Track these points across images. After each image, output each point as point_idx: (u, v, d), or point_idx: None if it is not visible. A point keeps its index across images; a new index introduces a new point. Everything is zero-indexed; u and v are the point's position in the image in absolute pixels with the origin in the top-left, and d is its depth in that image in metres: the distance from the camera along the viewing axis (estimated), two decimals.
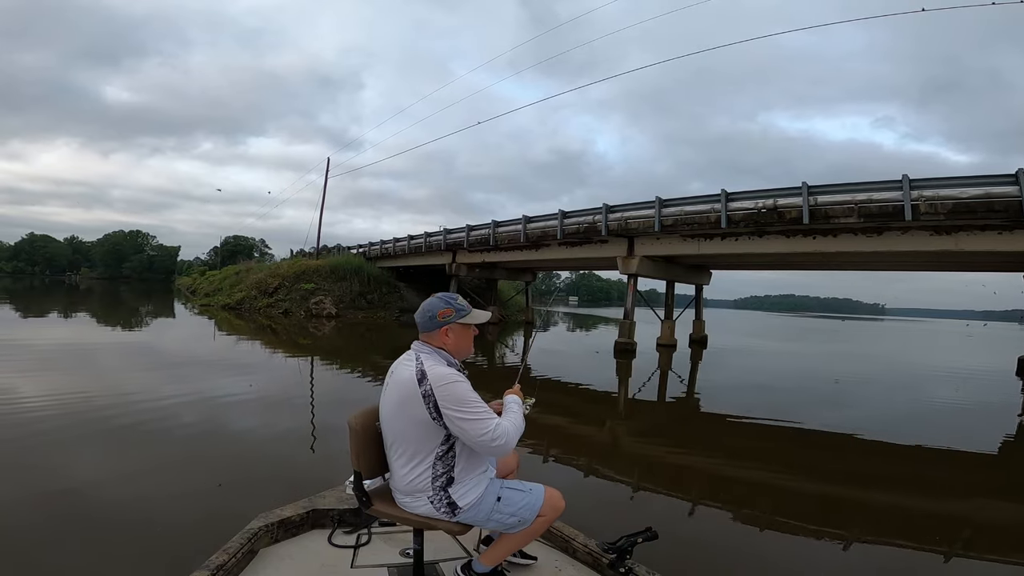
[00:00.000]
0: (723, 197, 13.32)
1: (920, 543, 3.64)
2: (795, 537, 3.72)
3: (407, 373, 1.86)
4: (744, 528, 3.81)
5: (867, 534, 3.73)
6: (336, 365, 11.30)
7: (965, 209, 10.53)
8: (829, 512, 4.16)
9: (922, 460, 5.95)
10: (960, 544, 3.68)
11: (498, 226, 20.46)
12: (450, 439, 1.86)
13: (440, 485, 1.86)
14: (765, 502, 4.28)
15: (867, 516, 4.08)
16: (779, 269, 20.00)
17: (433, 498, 1.85)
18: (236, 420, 5.94)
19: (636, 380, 11.33)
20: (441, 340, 1.93)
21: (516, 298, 29.95)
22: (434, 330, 1.93)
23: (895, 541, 3.66)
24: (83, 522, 3.15)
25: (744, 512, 4.05)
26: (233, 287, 29.70)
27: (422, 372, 1.83)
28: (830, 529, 3.77)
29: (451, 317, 1.93)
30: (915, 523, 4.06)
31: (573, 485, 4.37)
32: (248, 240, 74.86)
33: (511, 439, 1.84)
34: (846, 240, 12.79)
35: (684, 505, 4.25)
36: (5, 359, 9.11)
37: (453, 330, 1.94)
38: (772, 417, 7.61)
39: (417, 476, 1.85)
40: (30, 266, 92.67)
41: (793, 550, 3.53)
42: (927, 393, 11.14)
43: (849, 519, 3.99)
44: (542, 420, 6.98)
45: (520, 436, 1.90)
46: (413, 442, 1.85)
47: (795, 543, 3.63)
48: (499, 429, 1.81)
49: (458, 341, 1.96)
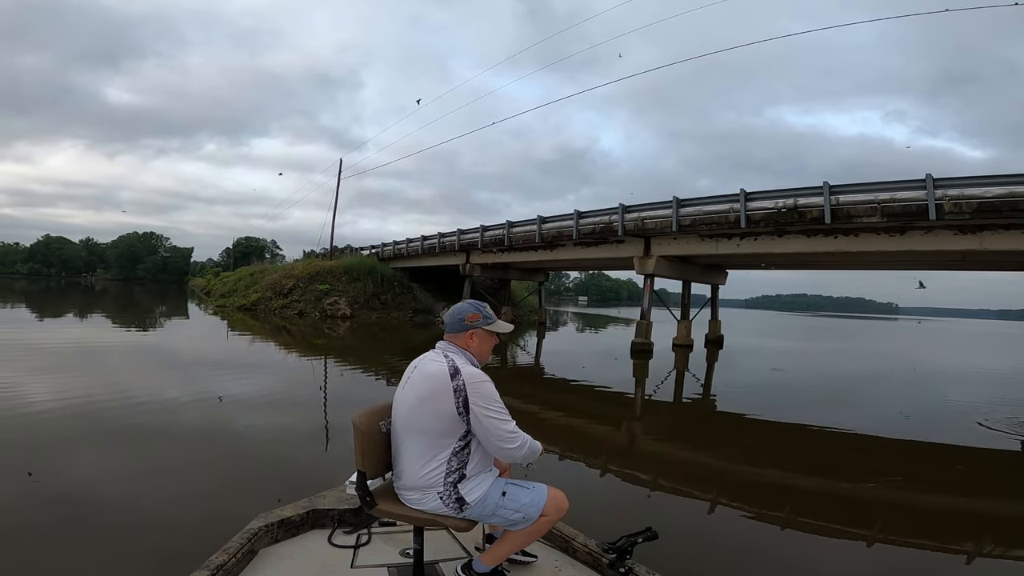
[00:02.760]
0: (742, 197, 13.26)
1: (939, 544, 3.61)
2: (795, 538, 3.70)
3: (437, 368, 1.93)
4: (745, 528, 3.78)
5: (871, 534, 3.69)
6: (357, 366, 11.37)
7: (990, 208, 10.45)
8: (832, 512, 4.12)
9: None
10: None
11: (512, 226, 20.47)
12: (467, 436, 1.93)
13: (452, 481, 1.91)
14: (765, 502, 4.25)
15: (873, 515, 4.03)
16: (797, 268, 19.90)
17: (443, 493, 1.90)
18: (261, 418, 6.00)
19: (653, 380, 11.35)
20: (466, 342, 2.04)
21: (528, 298, 29.95)
22: (461, 332, 2.04)
23: (909, 542, 3.64)
24: (83, 522, 3.15)
25: (744, 512, 4.04)
26: (248, 288, 29.92)
27: (455, 368, 1.92)
28: (832, 528, 3.76)
29: (478, 322, 2.05)
30: (933, 524, 4.02)
31: (576, 485, 4.33)
32: (260, 241, 75.46)
33: (527, 446, 1.96)
34: (868, 239, 12.69)
35: (685, 505, 4.24)
36: (18, 359, 9.19)
37: (478, 335, 2.05)
38: (782, 416, 7.57)
39: (431, 470, 1.90)
40: (46, 267, 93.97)
41: (794, 550, 3.50)
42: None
43: (856, 518, 3.94)
44: (553, 421, 7.02)
45: (533, 456, 2.01)
46: (433, 436, 1.91)
47: (795, 544, 3.60)
48: (520, 433, 1.95)
49: (481, 346, 2.06)
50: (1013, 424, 7.32)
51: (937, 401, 9.82)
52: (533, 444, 1.99)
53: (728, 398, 9.54)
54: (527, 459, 1.99)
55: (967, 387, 12.12)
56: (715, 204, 14.08)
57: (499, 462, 2.21)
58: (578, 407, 8.23)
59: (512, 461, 2.08)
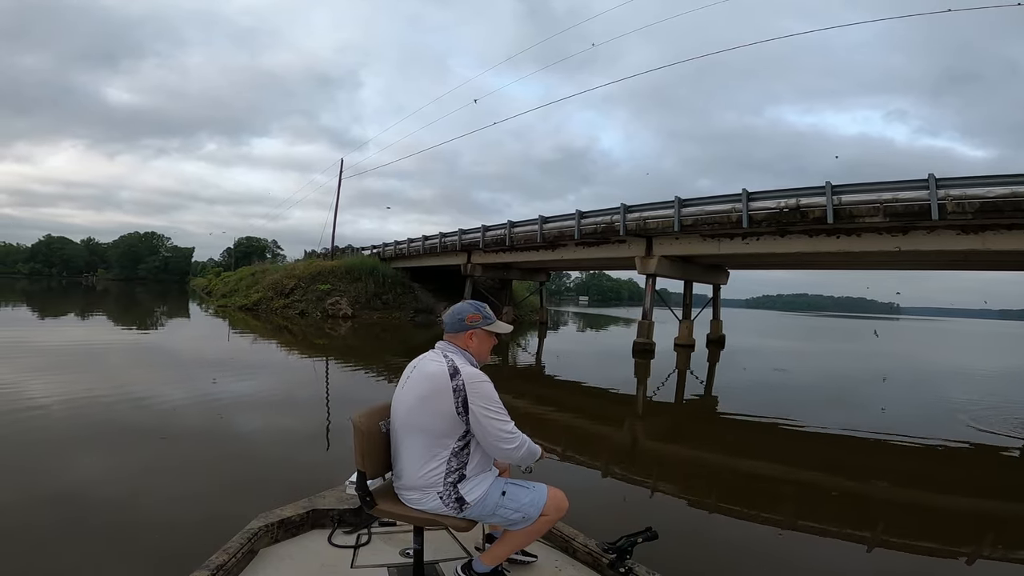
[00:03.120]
0: (744, 197, 13.25)
1: (939, 546, 3.60)
2: (795, 538, 3.69)
3: (437, 368, 1.94)
4: (745, 528, 3.77)
5: (872, 535, 3.69)
6: (358, 366, 11.37)
7: (992, 208, 10.43)
8: (832, 512, 4.12)
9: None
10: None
11: (514, 226, 20.47)
12: (467, 436, 1.93)
13: (452, 481, 1.91)
14: (765, 502, 4.25)
15: (874, 516, 4.02)
16: (799, 268, 19.88)
17: (443, 493, 1.90)
18: (264, 419, 6.00)
19: (655, 379, 11.36)
20: (465, 342, 2.04)
21: (529, 298, 29.95)
22: (461, 332, 2.04)
23: (909, 543, 3.62)
24: (84, 522, 3.15)
25: (744, 512, 4.03)
26: (250, 288, 29.92)
27: (455, 368, 1.92)
28: (832, 528, 3.75)
29: (478, 323, 2.05)
30: (933, 526, 4.00)
31: (576, 485, 4.29)
32: (261, 241, 75.53)
33: (525, 447, 1.96)
34: (870, 239, 12.68)
35: (685, 505, 4.25)
36: (18, 358, 9.19)
37: (477, 335, 2.06)
38: (781, 417, 7.57)
39: (431, 470, 1.90)
40: (47, 267, 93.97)
41: (793, 550, 3.49)
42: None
43: (857, 519, 3.94)
44: (554, 420, 7.01)
45: (532, 459, 2.00)
46: (433, 435, 1.91)
47: (795, 544, 3.59)
48: (518, 434, 1.94)
49: (480, 346, 2.07)
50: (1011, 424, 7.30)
51: (939, 401, 9.81)
52: (532, 446, 1.99)
53: (730, 398, 9.52)
54: (525, 461, 1.99)
55: (970, 387, 12.10)
56: (717, 204, 14.07)
57: (499, 462, 2.20)
58: (579, 406, 8.24)
59: (511, 462, 2.08)
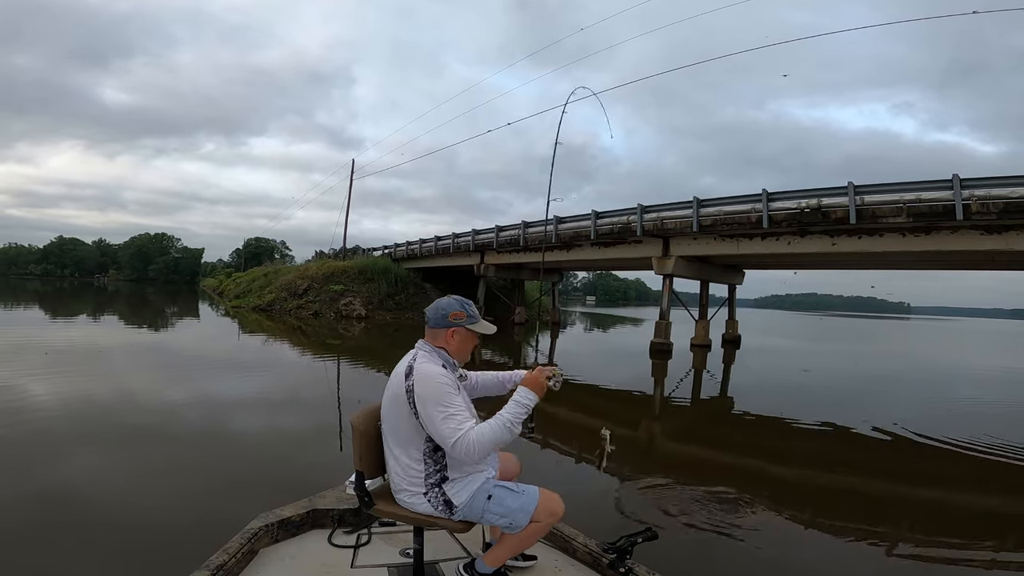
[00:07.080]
0: (764, 197, 13.23)
1: (945, 548, 3.58)
2: (795, 538, 3.66)
3: (400, 368, 1.91)
4: (745, 529, 3.72)
5: (874, 535, 3.65)
6: (372, 366, 11.39)
7: (1016, 208, 10.41)
8: (833, 512, 4.10)
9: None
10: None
11: (528, 227, 20.47)
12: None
13: (434, 483, 1.87)
14: (765, 502, 4.21)
15: (876, 517, 3.99)
16: (817, 268, 19.76)
17: (429, 495, 1.87)
18: (273, 417, 6.04)
19: (672, 379, 11.37)
20: (445, 340, 1.97)
21: (541, 299, 29.90)
22: (442, 328, 1.97)
23: (913, 545, 3.60)
24: (83, 522, 3.16)
25: (744, 512, 3.99)
26: (263, 289, 30.06)
27: (410, 368, 1.87)
28: (832, 529, 3.74)
29: (461, 320, 1.96)
30: (942, 528, 3.97)
31: (577, 484, 4.31)
32: (270, 242, 75.82)
33: (481, 445, 1.76)
34: (893, 240, 12.61)
35: (685, 505, 4.18)
36: (30, 359, 9.18)
37: (459, 333, 1.97)
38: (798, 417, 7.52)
39: (411, 472, 1.88)
40: (59, 268, 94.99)
41: (793, 550, 3.47)
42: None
43: (858, 519, 3.91)
44: (565, 419, 6.97)
45: (505, 440, 1.80)
46: (404, 437, 1.88)
47: (795, 544, 3.56)
48: (467, 436, 1.75)
49: (460, 345, 2.00)
50: None
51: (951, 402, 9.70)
52: (495, 428, 1.78)
53: (745, 398, 9.51)
54: (490, 444, 1.78)
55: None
56: (736, 204, 14.05)
57: (504, 462, 2.18)
58: (594, 407, 8.17)
59: (471, 463, 1.89)
